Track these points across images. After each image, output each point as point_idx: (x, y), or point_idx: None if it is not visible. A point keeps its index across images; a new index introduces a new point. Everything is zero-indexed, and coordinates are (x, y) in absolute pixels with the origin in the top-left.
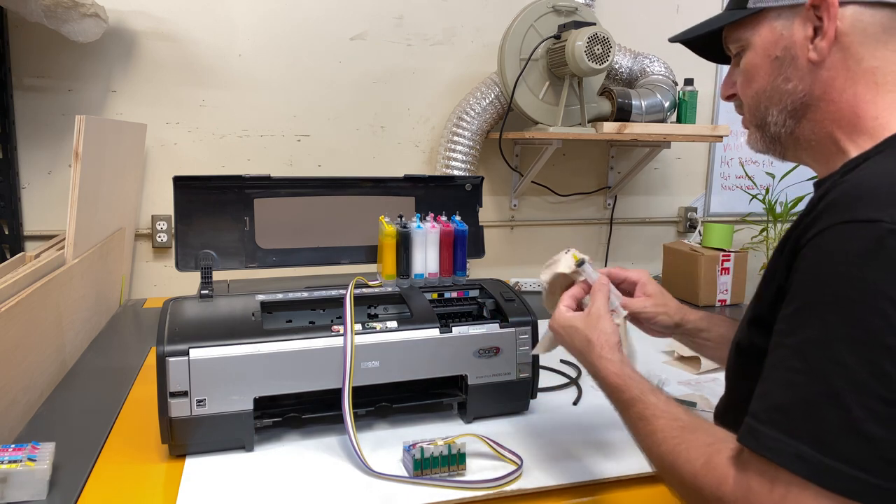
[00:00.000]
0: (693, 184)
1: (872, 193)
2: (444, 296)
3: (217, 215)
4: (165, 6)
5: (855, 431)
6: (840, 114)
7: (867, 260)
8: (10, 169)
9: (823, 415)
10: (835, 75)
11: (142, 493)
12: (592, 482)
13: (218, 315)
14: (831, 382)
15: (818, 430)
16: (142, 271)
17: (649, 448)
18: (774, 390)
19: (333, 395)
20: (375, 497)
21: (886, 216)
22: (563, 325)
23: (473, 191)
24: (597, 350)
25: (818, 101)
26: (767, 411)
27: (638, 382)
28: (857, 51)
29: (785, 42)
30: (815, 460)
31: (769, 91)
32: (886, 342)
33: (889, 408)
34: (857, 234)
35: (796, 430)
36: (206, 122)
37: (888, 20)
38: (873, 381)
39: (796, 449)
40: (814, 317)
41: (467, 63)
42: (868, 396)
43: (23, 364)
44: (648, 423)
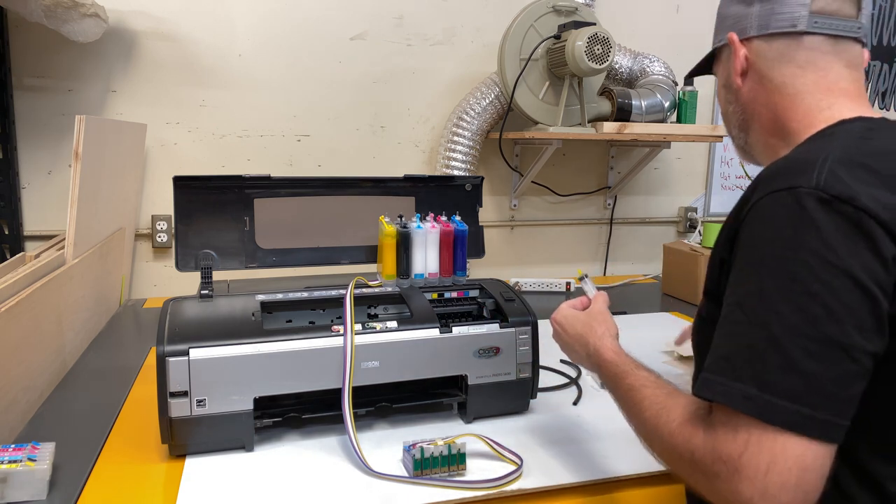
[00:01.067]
0: (693, 184)
1: (793, 166)
2: (444, 296)
3: (217, 215)
4: (165, 6)
5: (793, 369)
6: (768, 124)
7: (790, 220)
8: (10, 169)
9: (764, 358)
10: (755, 95)
11: (142, 493)
12: (592, 482)
13: (218, 315)
14: (768, 328)
15: (760, 371)
16: (142, 271)
17: (636, 415)
18: (720, 343)
19: (333, 395)
20: (375, 497)
21: (804, 182)
22: (565, 315)
23: (473, 191)
24: (598, 333)
25: (752, 117)
26: (716, 361)
27: (630, 360)
28: (767, 73)
29: (725, 73)
30: (761, 399)
31: (724, 113)
32: (812, 289)
33: (819, 345)
34: (781, 201)
35: (741, 373)
36: (206, 122)
37: (784, 46)
38: (804, 324)
39: (742, 391)
40: (751, 274)
41: (467, 63)
42: (801, 337)
43: (23, 364)
44: (637, 392)
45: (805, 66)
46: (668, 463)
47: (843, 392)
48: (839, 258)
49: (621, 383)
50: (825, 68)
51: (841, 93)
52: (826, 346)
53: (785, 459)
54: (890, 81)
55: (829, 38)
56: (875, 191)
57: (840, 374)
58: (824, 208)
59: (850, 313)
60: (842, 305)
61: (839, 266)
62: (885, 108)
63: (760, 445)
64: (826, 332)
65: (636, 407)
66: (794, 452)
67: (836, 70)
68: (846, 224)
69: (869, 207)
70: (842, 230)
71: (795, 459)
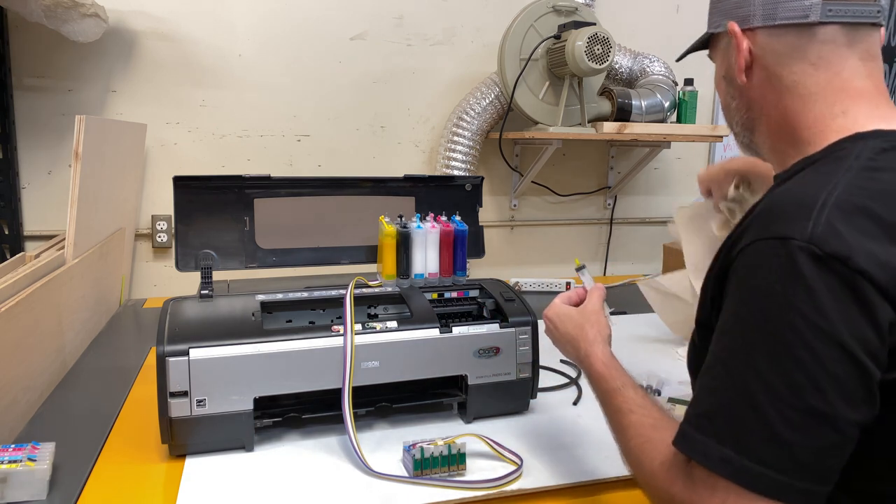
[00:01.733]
0: (693, 184)
1: (788, 206)
2: (444, 296)
3: (217, 215)
4: (165, 6)
5: (772, 437)
6: (778, 126)
7: (779, 276)
8: (10, 169)
9: (744, 421)
10: (764, 93)
11: (142, 493)
12: (592, 482)
13: (218, 315)
14: (749, 391)
15: (740, 435)
16: (142, 271)
17: (622, 441)
18: (702, 396)
19: (333, 395)
20: (375, 497)
21: (797, 233)
22: (557, 313)
23: (473, 191)
24: (589, 337)
25: (759, 116)
26: (697, 416)
27: (621, 375)
28: (776, 70)
29: (727, 64)
30: (739, 464)
31: (725, 107)
32: (797, 354)
33: (801, 415)
34: (773, 251)
35: (720, 435)
36: (206, 122)
37: (795, 39)
38: (786, 390)
39: (721, 453)
40: (735, 327)
41: (467, 63)
42: (782, 404)
43: (23, 364)
44: (624, 416)
45: (817, 62)
46: (645, 494)
47: (824, 462)
48: (830, 324)
49: (609, 401)
50: (839, 65)
51: (856, 94)
52: (808, 416)
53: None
54: (890, 81)
55: (845, 27)
56: (874, 245)
57: (821, 445)
58: (817, 266)
59: (837, 383)
60: (828, 375)
61: (829, 333)
62: None
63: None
64: (809, 403)
65: (622, 433)
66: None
67: (850, 66)
68: (839, 286)
69: (865, 269)
70: (834, 293)
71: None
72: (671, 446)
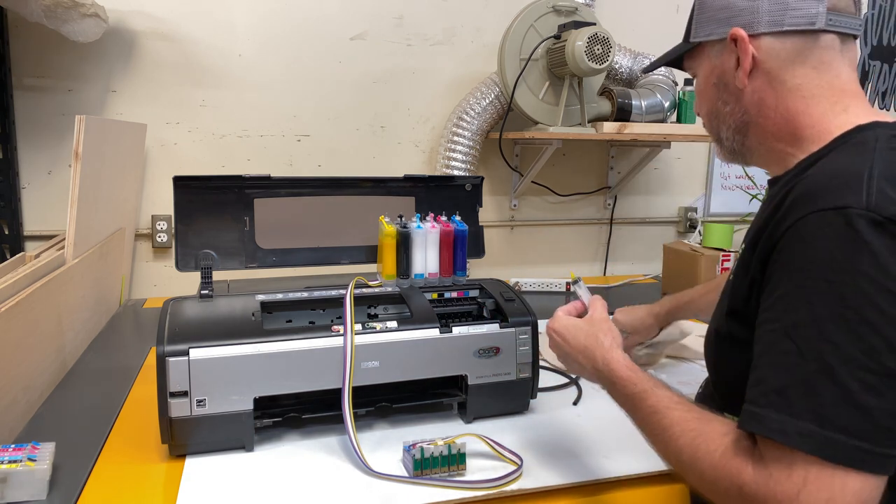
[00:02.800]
0: (693, 184)
1: (837, 182)
2: (444, 296)
3: (217, 215)
4: (165, 6)
5: (851, 403)
6: (777, 127)
7: (841, 243)
8: (10, 169)
9: (820, 391)
10: (763, 96)
11: (142, 493)
12: (592, 482)
13: (218, 315)
14: (823, 360)
15: (817, 406)
16: (142, 271)
17: (666, 441)
18: (769, 375)
19: (333, 395)
20: (375, 497)
21: (853, 202)
22: (565, 325)
23: (473, 191)
24: (605, 345)
25: (756, 119)
26: (766, 395)
27: (648, 377)
28: (779, 74)
29: (719, 71)
30: (819, 435)
31: (714, 113)
32: (868, 317)
33: (879, 378)
34: (830, 221)
35: (796, 409)
36: (206, 122)
37: (800, 44)
38: (861, 355)
39: (798, 427)
40: (799, 301)
41: (467, 63)
42: (859, 369)
43: (23, 364)
44: (663, 415)
45: (819, 66)
46: (707, 494)
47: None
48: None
49: (641, 404)
50: (837, 69)
51: (852, 94)
52: (886, 378)
53: (844, 496)
54: (890, 81)
55: (840, 37)
56: None
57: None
58: (878, 231)
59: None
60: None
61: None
62: (886, 107)
63: (819, 483)
64: (885, 364)
65: (665, 432)
66: (853, 488)
67: (845, 71)
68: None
69: None
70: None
71: (854, 495)
72: (726, 434)
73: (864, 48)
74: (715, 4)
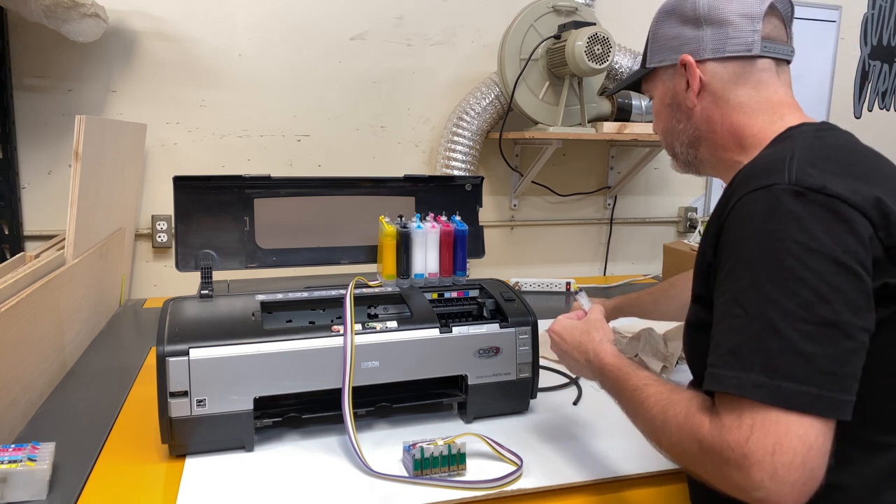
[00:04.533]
0: (693, 184)
1: (764, 168)
2: (444, 296)
3: (217, 215)
4: (165, 6)
5: (794, 353)
6: (724, 140)
7: (770, 215)
8: (10, 169)
9: (767, 345)
10: (710, 114)
11: (142, 493)
12: (593, 482)
13: (218, 315)
14: (766, 317)
15: (766, 359)
16: (142, 271)
17: (643, 414)
18: (723, 339)
19: (333, 395)
20: (375, 497)
21: (778, 179)
22: (563, 325)
23: (473, 191)
24: (596, 339)
25: (705, 133)
26: (721, 356)
27: (630, 362)
28: (723, 94)
29: (671, 93)
30: (770, 385)
31: (669, 130)
32: (800, 275)
33: (815, 327)
34: (759, 198)
35: (748, 363)
36: (206, 122)
37: (739, 68)
38: (798, 308)
39: (752, 379)
40: (742, 270)
41: (467, 63)
42: (797, 321)
43: (23, 364)
44: (641, 391)
45: (758, 86)
46: (676, 457)
47: (844, 368)
48: (821, 244)
49: (625, 385)
50: (774, 87)
51: (789, 106)
52: (822, 327)
53: (789, 440)
54: (890, 81)
55: (774, 61)
56: (840, 180)
57: (838, 351)
58: (800, 200)
59: (839, 294)
60: (830, 287)
61: (822, 251)
62: (885, 108)
63: (765, 429)
64: (820, 314)
65: (641, 406)
66: (798, 432)
67: (782, 88)
68: (822, 211)
69: (840, 193)
70: (819, 218)
71: (800, 439)
72: (692, 400)
73: (864, 48)
74: (667, 34)
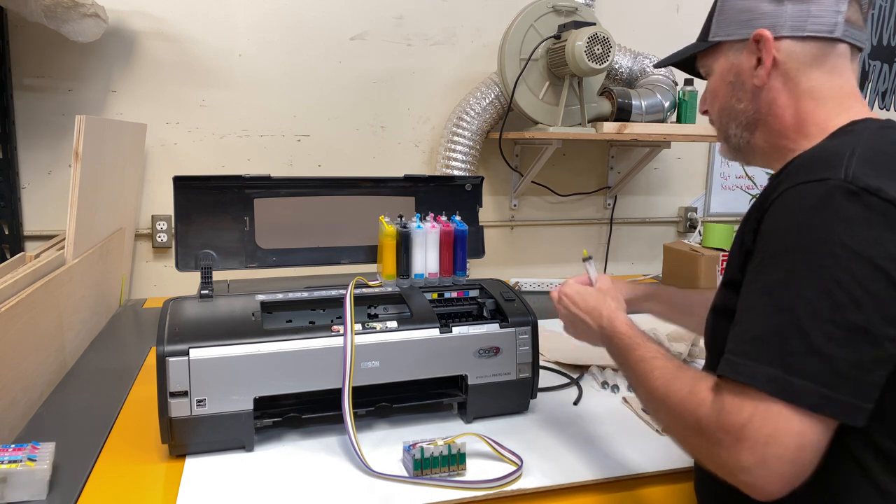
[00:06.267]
0: (693, 184)
1: (821, 159)
2: (444, 296)
3: (217, 215)
4: (165, 6)
5: (815, 352)
6: (783, 126)
7: (819, 210)
8: (10, 169)
9: (789, 341)
10: (776, 96)
11: (142, 493)
12: (592, 482)
13: (218, 315)
14: (794, 313)
15: (785, 354)
16: (142, 271)
17: (645, 383)
18: (746, 327)
19: (333, 395)
20: (375, 497)
21: (833, 175)
22: (577, 290)
23: (473, 191)
24: (612, 306)
25: (766, 117)
26: (741, 344)
27: (642, 332)
28: (795, 76)
29: (736, 70)
30: (785, 381)
31: (727, 109)
32: (838, 277)
33: (841, 330)
34: (810, 191)
35: (767, 356)
36: (206, 122)
37: (818, 50)
38: (828, 310)
39: (767, 372)
40: (779, 261)
41: (467, 63)
42: (825, 322)
43: (23, 364)
44: (647, 362)
45: (832, 71)
46: (672, 430)
47: (866, 376)
48: (866, 248)
49: (632, 353)
50: (847, 75)
51: (856, 98)
52: (849, 331)
53: (786, 434)
54: (890, 81)
55: (850, 48)
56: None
57: (862, 359)
58: (853, 199)
59: (875, 301)
60: (866, 293)
61: (864, 255)
62: (885, 108)
63: (764, 419)
64: (849, 319)
65: (646, 376)
66: (796, 429)
67: (853, 78)
68: (873, 215)
69: (895, 199)
70: (869, 221)
71: (797, 435)
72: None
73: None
74: (736, 7)
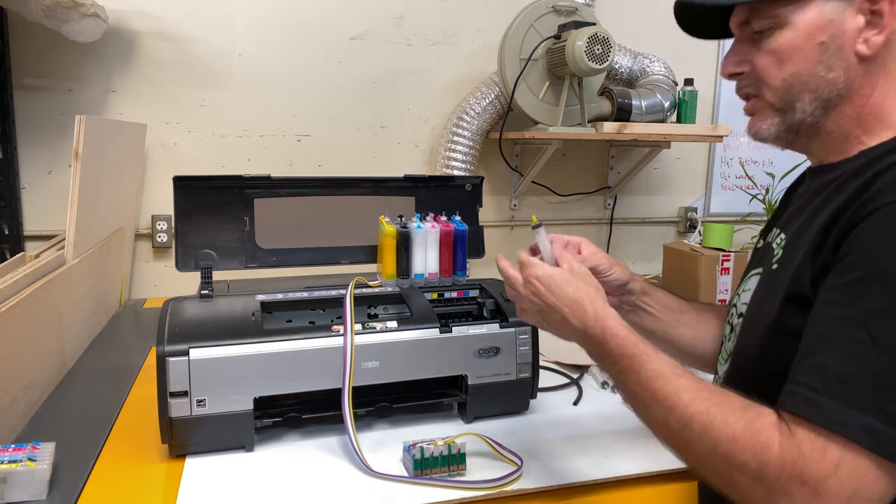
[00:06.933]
0: (693, 184)
1: None
2: (444, 296)
3: (217, 215)
4: (165, 6)
5: None
6: (866, 109)
7: None
8: (10, 169)
9: (892, 386)
10: (874, 72)
11: (142, 493)
12: (592, 482)
13: (218, 315)
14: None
15: (884, 401)
16: (142, 271)
17: (670, 408)
18: (832, 361)
19: (333, 395)
20: (375, 497)
21: None
22: (549, 274)
23: (473, 191)
24: (599, 301)
25: (853, 95)
26: (827, 383)
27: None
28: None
29: (833, 29)
30: (884, 433)
31: (806, 77)
32: None
33: None
34: None
35: (862, 402)
36: (206, 122)
37: None
38: None
39: (862, 421)
40: (877, 288)
41: (467, 63)
42: None
43: (23, 364)
44: (668, 381)
45: None
46: (716, 464)
47: None
48: None
49: (642, 367)
50: None
51: None
52: None
53: (871, 490)
54: None
55: None
56: None
57: None
58: None
59: None
60: None
61: None
62: None
63: (852, 471)
64: None
65: (669, 398)
66: (882, 483)
67: None
68: None
69: None
70: None
71: (880, 490)
72: (746, 409)
73: None
74: None
